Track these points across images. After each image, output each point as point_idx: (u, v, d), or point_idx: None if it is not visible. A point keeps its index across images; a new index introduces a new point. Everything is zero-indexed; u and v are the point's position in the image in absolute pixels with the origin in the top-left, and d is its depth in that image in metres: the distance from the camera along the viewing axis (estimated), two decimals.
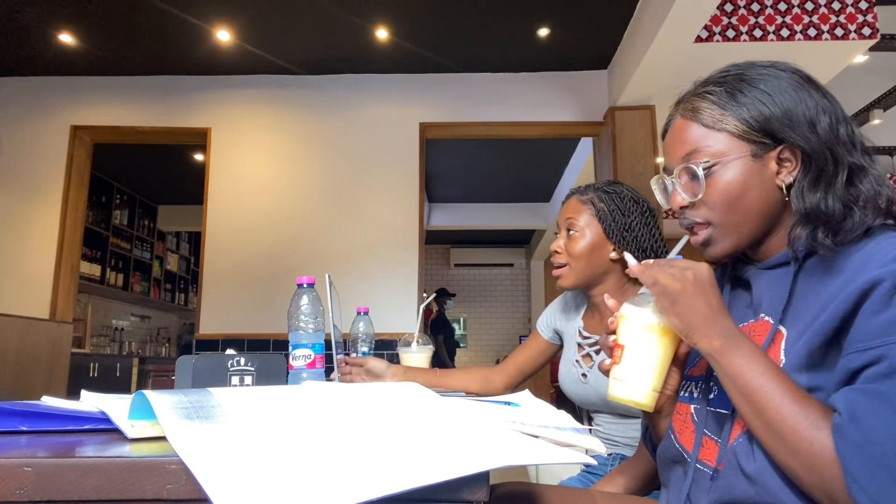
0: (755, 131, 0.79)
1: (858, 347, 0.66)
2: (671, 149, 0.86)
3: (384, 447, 0.46)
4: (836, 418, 0.63)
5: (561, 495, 1.03)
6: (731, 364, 0.71)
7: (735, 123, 0.80)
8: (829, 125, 0.77)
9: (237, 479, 0.38)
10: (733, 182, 0.80)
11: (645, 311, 0.80)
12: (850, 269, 0.71)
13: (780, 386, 0.68)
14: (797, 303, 0.76)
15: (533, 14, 3.71)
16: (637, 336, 0.80)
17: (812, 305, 0.73)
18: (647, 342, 0.79)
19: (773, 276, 0.81)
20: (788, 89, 0.79)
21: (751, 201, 0.80)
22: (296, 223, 4.24)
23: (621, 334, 0.82)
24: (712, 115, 0.81)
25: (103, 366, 5.36)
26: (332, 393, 0.65)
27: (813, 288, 0.75)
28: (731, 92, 0.81)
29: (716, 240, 0.83)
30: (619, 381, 0.81)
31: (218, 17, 3.72)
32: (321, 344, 1.12)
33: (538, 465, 1.10)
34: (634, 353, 0.80)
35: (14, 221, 4.22)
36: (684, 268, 0.74)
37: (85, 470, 0.41)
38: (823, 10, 3.64)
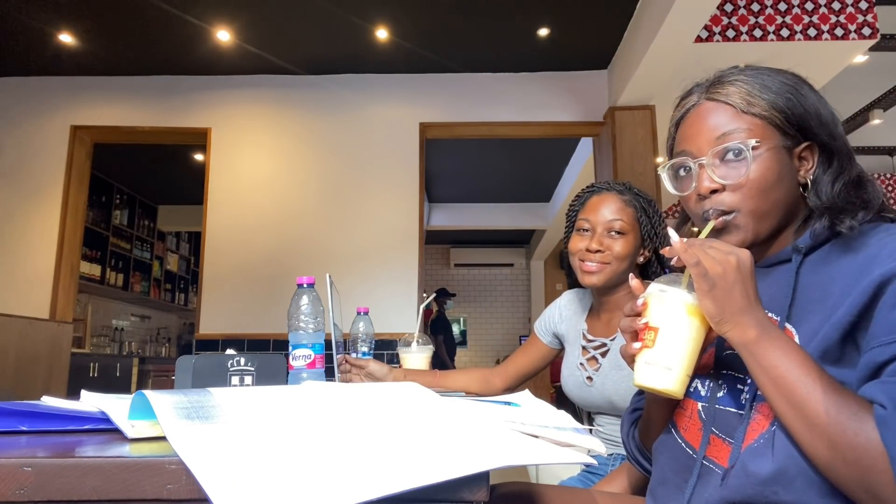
0: (788, 122, 0.80)
1: (883, 341, 0.65)
2: (697, 131, 0.83)
3: (384, 447, 0.46)
4: (879, 410, 0.62)
5: (561, 495, 1.03)
6: (767, 356, 0.68)
7: (769, 110, 0.80)
8: (842, 130, 0.80)
9: (237, 479, 0.38)
10: (772, 169, 0.79)
11: (682, 291, 0.74)
12: (857, 263, 0.71)
13: (819, 378, 0.66)
14: (801, 298, 0.75)
15: (533, 14, 3.71)
16: (674, 316, 0.74)
17: (820, 301, 0.73)
18: (685, 323, 0.73)
19: (775, 274, 0.81)
20: (809, 91, 0.81)
21: (781, 192, 0.80)
22: (296, 223, 4.24)
23: (654, 315, 0.75)
24: (746, 100, 0.81)
25: (103, 366, 5.36)
26: (332, 393, 0.65)
27: (817, 283, 0.75)
28: (761, 80, 0.82)
29: (738, 228, 0.80)
30: (651, 365, 0.74)
31: (218, 17, 3.72)
32: (321, 344, 1.12)
33: (538, 465, 1.09)
34: (670, 334, 0.74)
35: (14, 221, 4.23)
36: (727, 252, 0.70)
37: (85, 470, 0.41)
38: (823, 10, 3.64)
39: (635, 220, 1.40)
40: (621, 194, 1.42)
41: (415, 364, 1.62)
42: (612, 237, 1.39)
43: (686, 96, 0.88)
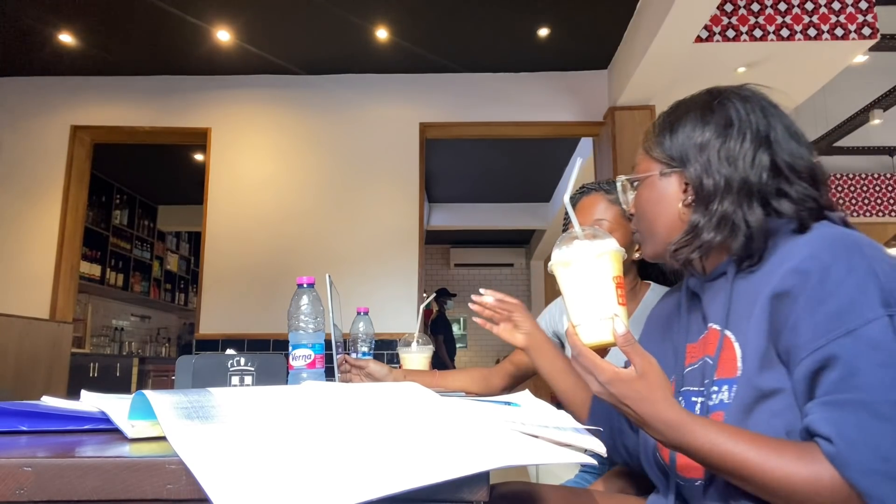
0: (668, 156, 0.89)
1: (807, 351, 0.68)
2: None
3: (384, 447, 0.46)
4: (827, 447, 0.64)
5: (561, 495, 1.03)
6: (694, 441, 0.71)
7: (657, 149, 0.91)
8: (727, 153, 0.82)
9: (237, 479, 0.38)
10: (643, 196, 0.93)
11: (564, 251, 0.79)
12: (767, 271, 0.78)
13: (748, 444, 0.68)
14: (736, 306, 0.80)
15: (533, 14, 3.71)
16: (561, 279, 0.79)
17: (748, 309, 0.78)
18: (567, 278, 0.78)
19: (716, 286, 0.86)
20: (698, 131, 0.86)
21: (655, 214, 0.91)
22: (296, 223, 4.24)
23: (560, 281, 0.81)
24: (647, 142, 0.94)
25: (103, 366, 5.36)
26: (332, 393, 0.65)
27: (747, 291, 0.80)
28: (662, 123, 0.92)
29: (641, 243, 0.96)
30: (579, 326, 0.78)
31: (218, 17, 3.72)
32: (321, 344, 1.12)
33: (538, 465, 1.09)
34: (576, 293, 0.78)
35: (14, 221, 4.22)
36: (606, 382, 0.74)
37: (85, 470, 0.41)
38: (823, 10, 3.64)
39: (622, 216, 1.40)
40: (607, 193, 1.42)
41: (415, 364, 1.62)
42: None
43: None
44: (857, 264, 0.69)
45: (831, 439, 0.63)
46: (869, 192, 6.92)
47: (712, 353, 0.82)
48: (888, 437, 0.61)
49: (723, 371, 0.79)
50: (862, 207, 6.90)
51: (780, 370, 0.72)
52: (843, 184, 6.95)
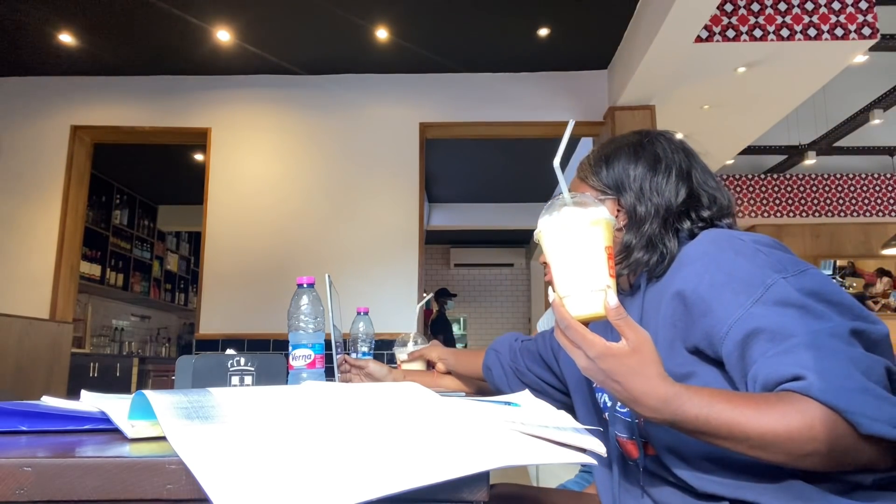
0: (604, 184, 0.98)
1: (727, 324, 0.75)
2: None
3: (384, 447, 0.46)
4: (800, 384, 0.66)
5: (561, 496, 1.03)
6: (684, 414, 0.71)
7: (593, 178, 1.00)
8: (656, 185, 0.94)
9: (237, 479, 0.38)
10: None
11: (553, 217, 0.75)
12: (669, 276, 0.88)
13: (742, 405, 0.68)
14: (646, 311, 0.90)
15: (533, 14, 3.71)
16: (547, 247, 0.76)
17: (654, 308, 0.88)
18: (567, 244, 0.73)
19: (633, 300, 0.95)
20: (632, 165, 0.96)
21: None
22: (296, 223, 4.24)
23: (547, 250, 0.77)
24: (583, 171, 1.02)
25: (103, 366, 5.36)
26: (332, 393, 0.65)
27: (653, 296, 0.90)
28: (597, 156, 1.01)
29: None
30: (567, 297, 0.73)
31: (218, 17, 3.72)
32: (321, 344, 1.12)
33: (538, 465, 1.09)
34: (565, 263, 0.73)
35: (14, 221, 4.23)
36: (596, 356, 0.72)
37: (85, 470, 0.41)
38: (823, 10, 3.64)
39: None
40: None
41: (412, 366, 1.61)
42: None
43: None
44: (742, 248, 0.80)
45: (800, 376, 0.66)
46: (869, 192, 6.92)
47: None
48: (839, 361, 0.66)
49: None
50: (862, 207, 6.90)
51: (685, 356, 0.81)
52: (843, 184, 6.95)
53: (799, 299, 0.73)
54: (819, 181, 6.95)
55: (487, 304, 9.84)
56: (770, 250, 0.80)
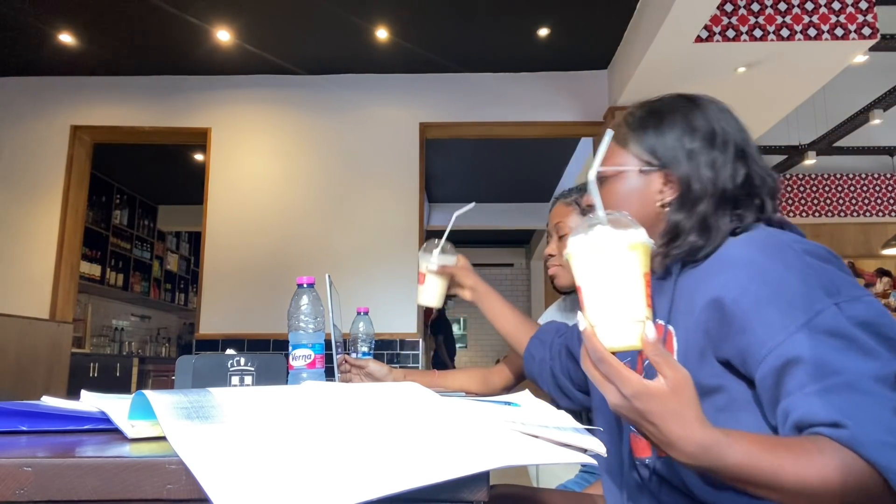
0: (652, 153, 0.89)
1: (767, 348, 0.69)
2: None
3: (384, 447, 0.46)
4: (838, 432, 0.62)
5: (561, 497, 1.03)
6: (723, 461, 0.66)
7: (636, 144, 0.90)
8: (713, 161, 0.85)
9: (237, 479, 0.38)
10: (615, 190, 0.90)
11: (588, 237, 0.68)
12: (705, 270, 0.81)
13: (776, 454, 0.64)
14: (678, 304, 0.84)
15: (533, 14, 3.71)
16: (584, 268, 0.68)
17: (688, 308, 0.81)
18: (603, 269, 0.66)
19: (663, 286, 0.88)
20: (688, 135, 0.87)
21: (627, 208, 0.86)
22: (296, 223, 4.24)
23: (578, 273, 0.69)
24: (622, 136, 0.91)
25: (103, 366, 5.36)
26: (332, 393, 0.65)
27: (688, 290, 0.83)
28: (643, 121, 0.91)
29: None
30: (600, 327, 0.67)
31: (218, 17, 3.72)
32: (321, 344, 1.12)
33: (538, 465, 1.09)
34: (599, 289, 0.66)
35: (14, 221, 4.22)
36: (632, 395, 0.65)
37: (85, 470, 0.41)
38: (823, 10, 3.64)
39: (579, 217, 1.44)
40: (565, 198, 1.49)
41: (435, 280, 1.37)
42: (561, 240, 1.46)
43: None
44: (792, 261, 0.72)
45: (839, 423, 0.62)
46: (869, 192, 6.92)
47: None
48: (883, 410, 0.62)
49: None
50: (862, 207, 6.90)
51: (716, 367, 0.76)
52: (843, 184, 6.95)
53: (848, 330, 0.66)
54: (819, 181, 6.95)
55: None
56: (823, 266, 0.72)
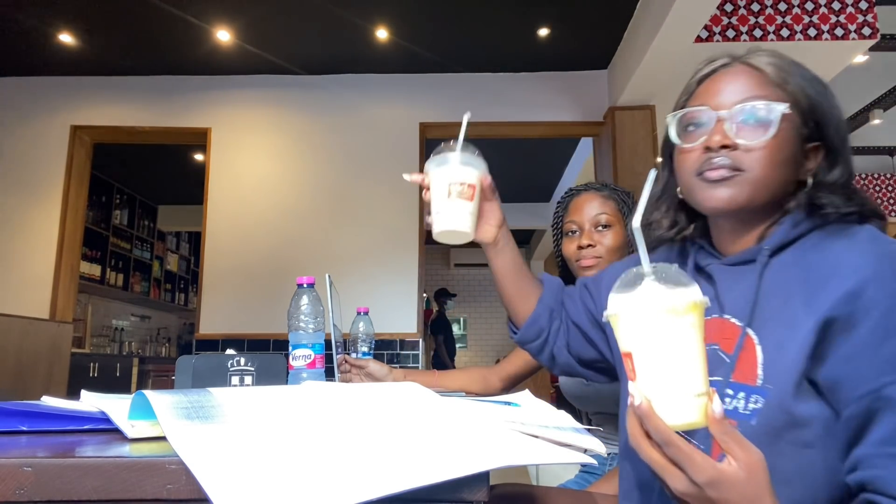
0: (811, 112, 0.77)
1: (866, 388, 0.62)
2: (724, 88, 0.79)
3: (384, 447, 0.46)
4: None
5: (562, 496, 1.03)
6: None
7: (799, 92, 0.77)
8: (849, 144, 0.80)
9: (237, 479, 0.38)
10: (787, 146, 0.76)
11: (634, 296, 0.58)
12: (817, 270, 0.69)
13: None
14: (763, 303, 0.73)
15: (533, 14, 3.71)
16: (650, 333, 0.57)
17: (780, 308, 0.70)
18: (656, 337, 0.57)
19: (737, 273, 0.78)
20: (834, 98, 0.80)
21: (784, 174, 0.76)
22: (296, 223, 4.24)
23: (627, 338, 0.59)
24: (780, 74, 0.78)
25: (103, 366, 5.36)
26: (332, 393, 0.65)
27: (781, 287, 0.72)
28: (797, 65, 0.80)
29: (739, 187, 0.75)
30: (657, 402, 0.58)
31: (218, 17, 3.72)
32: (321, 344, 1.12)
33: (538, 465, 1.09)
34: (653, 359, 0.57)
35: (14, 221, 4.22)
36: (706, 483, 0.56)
37: (85, 470, 0.41)
38: (823, 10, 3.64)
39: (618, 211, 1.44)
40: (599, 191, 1.47)
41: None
42: (600, 231, 1.42)
43: (715, 59, 0.84)
44: None
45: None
46: (869, 192, 6.92)
47: (728, 348, 0.73)
48: None
49: (740, 374, 0.70)
50: None
51: (810, 392, 0.66)
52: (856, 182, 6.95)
53: None
54: None
55: (487, 304, 9.83)
56: None
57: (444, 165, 0.94)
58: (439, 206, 0.93)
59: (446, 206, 0.92)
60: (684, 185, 0.81)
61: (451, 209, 0.93)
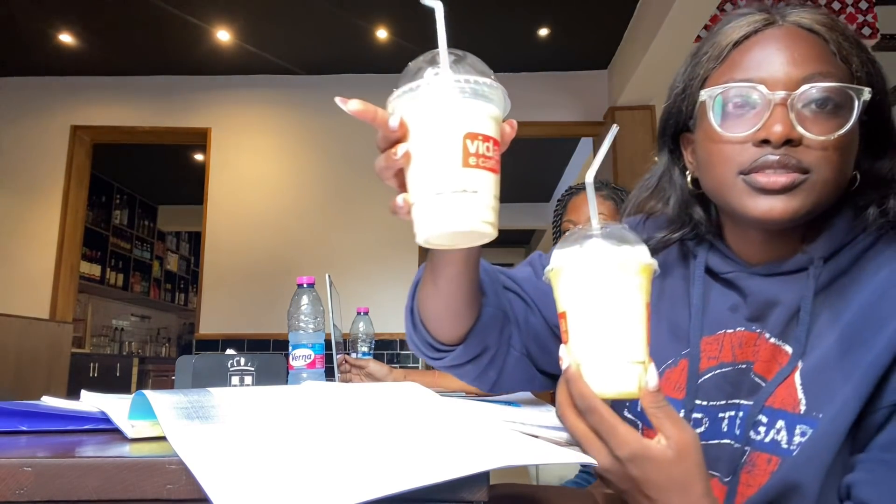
0: (868, 86, 0.61)
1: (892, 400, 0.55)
2: (778, 58, 0.60)
3: (384, 447, 0.46)
4: None
5: (562, 495, 1.03)
6: None
7: (861, 69, 0.62)
8: None
9: (237, 479, 0.38)
10: (855, 134, 0.61)
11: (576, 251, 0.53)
12: (866, 290, 0.60)
13: None
14: (823, 322, 0.61)
15: (533, 14, 3.71)
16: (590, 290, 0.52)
17: (832, 324, 0.60)
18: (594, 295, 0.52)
19: (775, 285, 0.64)
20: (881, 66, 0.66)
21: (850, 168, 0.62)
22: (296, 223, 4.24)
23: (565, 295, 0.54)
24: (840, 43, 0.61)
25: (103, 366, 5.36)
26: (331, 393, 0.65)
27: (827, 306, 0.61)
28: (846, 27, 0.64)
29: (807, 194, 0.60)
30: (587, 367, 0.53)
31: (218, 17, 3.72)
32: (321, 344, 1.12)
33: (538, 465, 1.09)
34: (589, 320, 0.52)
35: (14, 221, 4.22)
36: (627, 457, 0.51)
37: (85, 470, 0.41)
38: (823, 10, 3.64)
39: (616, 210, 1.44)
40: (598, 191, 1.46)
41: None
42: None
43: (749, 14, 0.65)
44: None
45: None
46: None
47: (764, 371, 0.62)
48: None
49: (779, 399, 0.60)
50: None
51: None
52: None
53: None
54: None
55: None
56: None
57: (442, 99, 0.57)
58: (435, 183, 0.53)
59: (451, 183, 0.53)
60: (717, 183, 0.64)
61: (460, 190, 0.53)
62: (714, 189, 0.66)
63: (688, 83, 0.68)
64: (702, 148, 0.66)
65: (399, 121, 0.56)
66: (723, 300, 0.69)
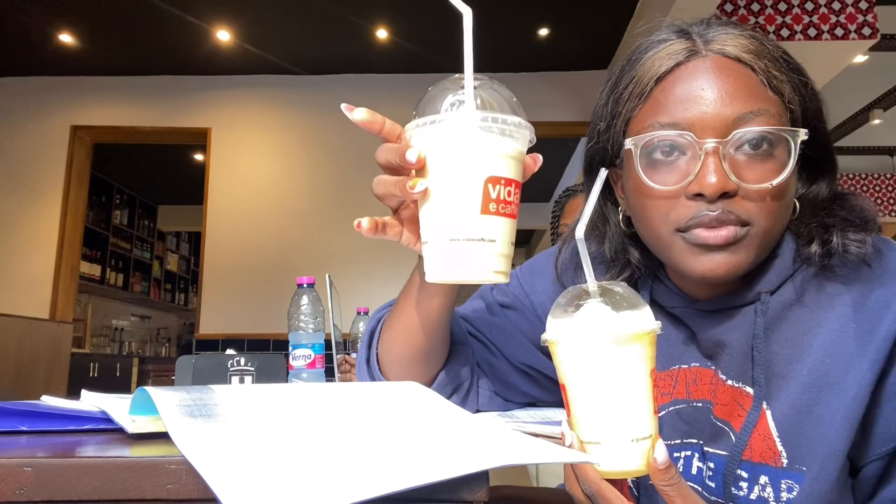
0: (804, 115, 0.58)
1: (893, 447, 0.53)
2: (705, 97, 0.55)
3: (384, 446, 0.46)
4: None
5: (563, 496, 1.03)
6: None
7: (791, 92, 0.57)
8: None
9: (242, 477, 0.38)
10: (794, 174, 0.56)
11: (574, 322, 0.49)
12: (824, 328, 0.56)
13: None
14: (775, 355, 0.58)
15: (533, 14, 3.71)
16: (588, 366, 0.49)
17: (791, 376, 0.56)
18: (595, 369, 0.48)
19: (722, 320, 0.61)
20: (811, 80, 0.62)
21: (790, 210, 0.59)
22: (296, 223, 4.24)
23: (564, 368, 0.50)
24: (769, 71, 0.56)
25: (103, 366, 5.36)
26: (332, 392, 0.65)
27: (783, 341, 0.57)
28: (773, 45, 0.58)
29: (747, 249, 0.56)
30: (592, 445, 0.49)
31: (218, 17, 3.72)
32: (321, 344, 1.12)
33: (538, 465, 1.09)
34: (591, 395, 0.49)
35: (14, 221, 4.23)
36: None
37: (85, 470, 0.41)
38: (823, 10, 3.64)
39: None
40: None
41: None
42: None
43: (668, 43, 0.62)
44: None
45: None
46: (869, 192, 6.92)
47: (726, 415, 0.59)
48: None
49: (757, 453, 0.56)
50: None
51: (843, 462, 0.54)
52: (842, 184, 6.95)
53: None
54: None
55: None
56: None
57: (465, 139, 0.51)
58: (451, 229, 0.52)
59: (467, 230, 0.51)
60: (654, 238, 0.60)
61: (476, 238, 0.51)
62: (652, 244, 0.62)
63: (610, 122, 0.64)
64: (633, 197, 0.62)
65: (417, 156, 0.53)
66: (675, 333, 0.65)
